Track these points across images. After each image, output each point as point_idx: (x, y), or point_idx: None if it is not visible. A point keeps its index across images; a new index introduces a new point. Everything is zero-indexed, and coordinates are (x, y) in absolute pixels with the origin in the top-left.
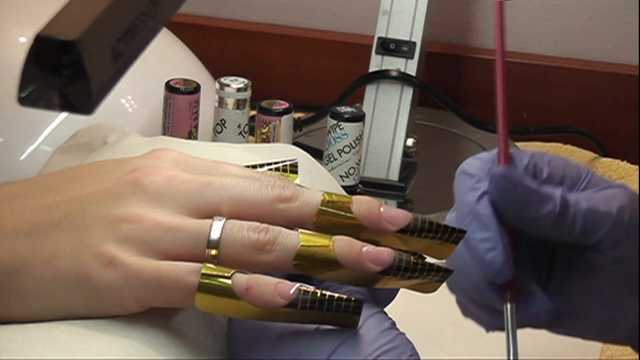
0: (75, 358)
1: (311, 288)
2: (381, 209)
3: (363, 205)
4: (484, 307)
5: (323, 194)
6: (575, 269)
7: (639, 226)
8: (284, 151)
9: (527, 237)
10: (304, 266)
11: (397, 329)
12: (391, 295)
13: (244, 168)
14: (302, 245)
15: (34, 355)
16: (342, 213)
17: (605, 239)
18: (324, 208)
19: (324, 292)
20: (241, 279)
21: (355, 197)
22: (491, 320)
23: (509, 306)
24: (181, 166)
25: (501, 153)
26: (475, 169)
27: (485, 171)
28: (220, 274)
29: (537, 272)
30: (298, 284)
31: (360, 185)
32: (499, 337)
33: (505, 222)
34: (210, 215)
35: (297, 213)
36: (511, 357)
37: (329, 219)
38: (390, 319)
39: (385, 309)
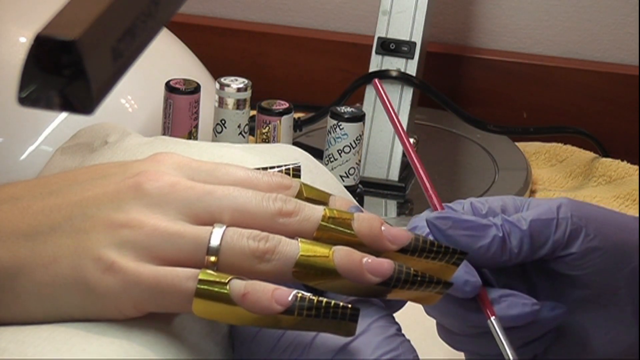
0: (75, 358)
1: (308, 295)
2: (382, 228)
3: (364, 222)
4: (471, 335)
5: (324, 210)
6: (542, 282)
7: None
8: (284, 151)
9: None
10: (303, 276)
11: (402, 335)
12: (400, 302)
13: (246, 169)
14: (301, 255)
15: (34, 355)
16: (343, 229)
17: (557, 243)
18: (324, 224)
19: (320, 298)
20: (238, 285)
21: (356, 214)
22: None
23: (493, 321)
24: (183, 170)
25: (434, 203)
26: (417, 222)
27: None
28: (218, 280)
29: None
30: (295, 291)
31: (360, 185)
32: None
33: None
34: (210, 223)
35: (297, 228)
36: None
37: (329, 235)
38: (396, 323)
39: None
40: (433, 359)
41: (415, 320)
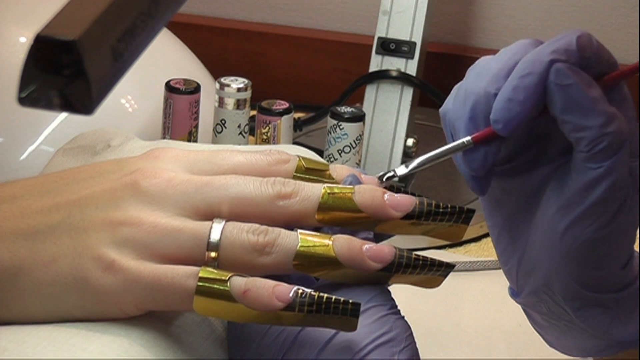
0: (75, 358)
1: (309, 291)
2: (385, 196)
3: (366, 193)
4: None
5: (324, 187)
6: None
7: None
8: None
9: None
10: (304, 267)
11: (396, 313)
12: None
13: (243, 152)
14: (301, 246)
15: (35, 355)
16: (345, 204)
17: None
18: (325, 201)
19: (321, 294)
20: (239, 282)
21: (357, 187)
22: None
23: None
24: (181, 163)
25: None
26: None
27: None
28: (218, 277)
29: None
30: (296, 287)
31: None
32: (499, 337)
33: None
34: (210, 215)
35: (297, 209)
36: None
37: (332, 215)
38: (391, 300)
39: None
40: (433, 358)
41: (415, 320)
